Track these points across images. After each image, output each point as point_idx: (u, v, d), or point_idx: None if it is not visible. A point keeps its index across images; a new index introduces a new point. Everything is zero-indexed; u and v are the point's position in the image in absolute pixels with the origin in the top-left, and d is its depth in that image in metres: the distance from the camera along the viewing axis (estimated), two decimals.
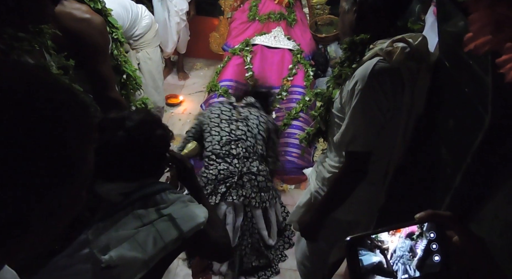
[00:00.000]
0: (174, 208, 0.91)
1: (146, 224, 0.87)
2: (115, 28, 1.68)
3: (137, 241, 0.85)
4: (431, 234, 0.44)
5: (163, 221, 0.88)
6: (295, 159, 2.60)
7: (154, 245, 0.85)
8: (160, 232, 0.86)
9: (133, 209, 0.89)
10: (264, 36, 2.98)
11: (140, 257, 0.84)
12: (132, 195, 0.91)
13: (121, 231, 0.86)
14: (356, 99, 1.01)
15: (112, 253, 0.82)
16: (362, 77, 1.00)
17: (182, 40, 3.25)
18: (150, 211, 0.90)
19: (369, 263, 0.43)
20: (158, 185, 0.96)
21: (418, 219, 0.44)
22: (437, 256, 0.44)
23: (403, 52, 0.97)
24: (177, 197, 0.95)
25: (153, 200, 0.91)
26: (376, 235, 0.43)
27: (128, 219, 0.88)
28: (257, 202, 1.83)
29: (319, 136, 1.39)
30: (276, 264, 2.02)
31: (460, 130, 0.90)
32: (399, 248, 0.43)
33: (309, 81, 2.82)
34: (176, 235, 0.87)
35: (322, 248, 1.45)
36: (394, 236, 0.44)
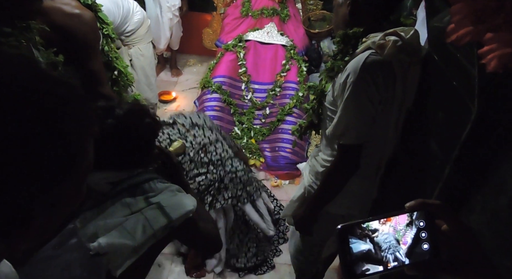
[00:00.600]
0: (162, 196, 0.92)
1: (134, 212, 0.88)
2: (105, 24, 1.66)
3: (126, 229, 0.85)
4: (421, 222, 0.45)
5: (151, 209, 0.88)
6: (289, 154, 2.61)
7: (143, 232, 0.85)
8: (149, 220, 0.86)
9: (121, 198, 0.90)
10: (257, 32, 2.97)
11: (130, 243, 0.84)
12: (120, 185, 0.91)
13: (110, 220, 0.86)
14: (348, 91, 1.02)
15: (101, 240, 0.83)
16: (354, 69, 1.00)
17: (175, 36, 3.22)
18: (138, 199, 0.90)
19: (359, 251, 0.43)
20: (146, 174, 0.96)
21: (408, 208, 0.45)
22: (426, 244, 0.44)
23: (395, 45, 0.97)
24: (166, 187, 0.96)
25: (142, 189, 0.92)
26: (366, 224, 0.44)
27: (116, 207, 0.88)
28: (245, 197, 1.84)
29: (311, 129, 1.40)
30: (271, 259, 2.04)
31: (448, 123, 0.91)
32: (389, 236, 0.44)
33: (302, 77, 2.82)
34: (165, 223, 0.87)
35: (316, 242, 1.46)
36: (385, 225, 0.44)
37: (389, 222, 0.44)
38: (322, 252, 1.57)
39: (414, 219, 0.45)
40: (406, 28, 1.04)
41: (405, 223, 0.45)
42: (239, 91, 2.85)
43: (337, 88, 1.09)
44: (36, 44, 1.15)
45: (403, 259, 0.44)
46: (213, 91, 2.74)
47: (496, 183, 0.77)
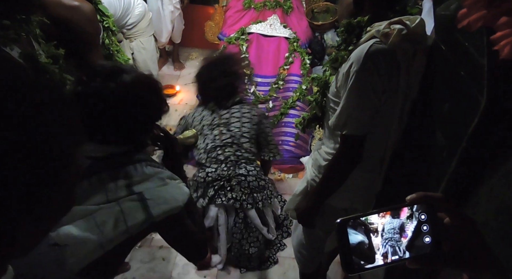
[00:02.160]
0: (148, 185, 0.79)
1: (110, 201, 0.76)
2: (106, 17, 1.65)
3: (94, 220, 0.74)
4: (422, 215, 0.44)
5: (131, 200, 0.77)
6: (292, 148, 2.59)
7: (114, 228, 0.75)
8: (124, 213, 0.76)
9: (100, 179, 0.78)
10: (260, 24, 2.94)
11: (94, 239, 0.74)
12: (101, 162, 0.79)
13: (80, 206, 0.75)
14: (351, 81, 1.00)
15: (62, 230, 0.72)
16: (357, 58, 0.98)
17: (176, 29, 3.20)
18: (119, 185, 0.78)
19: (359, 244, 0.42)
20: (134, 154, 0.83)
21: (409, 201, 0.44)
22: (427, 237, 0.44)
23: (400, 34, 0.95)
24: (155, 172, 0.82)
25: (125, 172, 0.79)
26: (366, 217, 0.43)
27: (92, 190, 0.77)
28: (249, 203, 1.81)
29: (314, 121, 1.38)
30: (275, 253, 2.04)
31: (455, 114, 0.89)
32: (388, 230, 0.43)
33: (305, 70, 2.80)
34: (142, 219, 0.77)
35: (319, 235, 1.45)
36: (384, 218, 0.43)
37: (389, 215, 0.44)
38: (325, 246, 1.57)
39: (415, 212, 0.44)
40: (411, 16, 1.02)
41: (405, 216, 0.44)
42: (241, 84, 2.82)
43: (340, 78, 1.07)
44: (36, 37, 1.14)
45: (403, 252, 0.44)
46: None
47: (504, 174, 0.75)
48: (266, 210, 1.92)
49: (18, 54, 0.99)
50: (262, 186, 1.85)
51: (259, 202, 1.84)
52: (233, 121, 1.83)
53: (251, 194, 1.82)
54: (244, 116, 1.86)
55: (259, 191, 1.84)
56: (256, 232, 1.90)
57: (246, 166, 1.81)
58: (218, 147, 1.79)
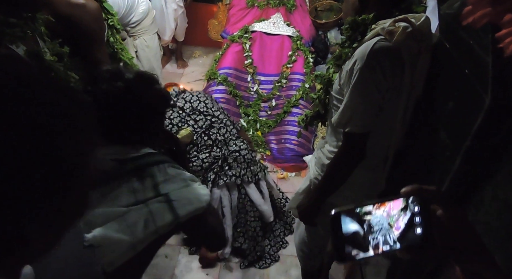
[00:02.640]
0: (173, 186, 0.83)
1: (139, 202, 0.79)
2: (110, 15, 1.65)
3: (126, 222, 0.77)
4: (415, 207, 0.45)
5: (158, 202, 0.80)
6: (295, 146, 2.59)
7: (144, 228, 0.78)
8: (153, 215, 0.79)
9: (127, 181, 0.81)
10: (263, 23, 2.94)
11: (127, 240, 0.76)
12: (127, 164, 0.82)
13: (111, 208, 0.78)
14: (355, 78, 1.00)
15: (97, 232, 0.75)
16: (361, 56, 0.98)
17: (180, 27, 3.20)
18: (146, 186, 0.81)
19: (351, 235, 0.43)
20: (156, 156, 0.86)
21: (403, 193, 0.44)
22: (419, 229, 0.45)
23: (405, 31, 0.95)
24: (178, 173, 0.86)
25: (150, 173, 0.82)
26: (360, 209, 0.43)
27: (121, 192, 0.80)
28: (249, 177, 1.84)
29: (317, 119, 1.38)
30: (276, 251, 2.04)
31: (459, 112, 0.88)
32: (382, 221, 0.44)
33: (309, 68, 2.79)
34: (170, 220, 0.80)
35: (321, 234, 1.45)
36: (379, 209, 0.44)
37: (383, 207, 0.44)
38: (327, 244, 1.57)
39: (410, 204, 0.45)
40: (417, 14, 1.01)
41: (399, 208, 0.45)
42: (245, 82, 2.83)
43: (344, 76, 1.06)
44: (42, 34, 1.15)
45: (395, 243, 0.45)
46: (219, 83, 2.73)
47: (508, 174, 0.75)
48: (262, 182, 1.93)
49: (23, 51, 1.00)
50: (254, 158, 1.89)
51: (258, 173, 1.87)
52: (196, 105, 1.88)
53: (248, 167, 1.85)
54: (201, 98, 1.92)
55: (254, 164, 1.88)
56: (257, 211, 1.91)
57: (236, 141, 1.86)
58: (202, 134, 1.82)
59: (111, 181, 0.81)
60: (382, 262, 1.45)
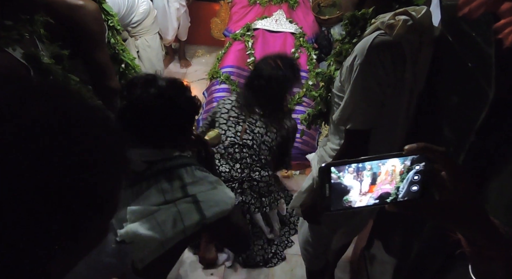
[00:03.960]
0: (200, 188, 0.87)
1: (168, 202, 0.83)
2: (110, 15, 1.65)
3: (156, 220, 0.81)
4: (417, 166, 0.44)
5: (186, 202, 0.84)
6: (299, 144, 2.57)
7: (173, 227, 0.81)
8: (181, 214, 0.82)
9: (157, 182, 0.85)
10: (266, 20, 2.91)
11: (157, 237, 0.80)
12: (156, 165, 0.87)
13: (142, 206, 0.82)
14: (355, 74, 0.98)
15: (129, 228, 0.79)
16: (361, 51, 0.96)
17: (182, 26, 3.20)
18: (174, 187, 0.85)
19: (341, 188, 0.43)
20: (184, 158, 0.91)
21: (407, 150, 0.43)
22: (415, 186, 0.44)
23: (405, 25, 0.92)
24: (204, 176, 0.90)
25: (178, 174, 0.87)
26: (355, 165, 0.43)
27: (151, 192, 0.84)
28: (257, 207, 1.81)
29: (320, 118, 1.36)
30: (282, 250, 2.03)
31: (463, 107, 0.86)
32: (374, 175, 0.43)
33: (312, 65, 2.76)
34: (197, 220, 0.83)
35: (325, 233, 1.44)
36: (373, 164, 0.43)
37: (379, 162, 0.43)
38: (331, 243, 1.55)
39: (409, 161, 0.43)
40: (417, 7, 0.99)
41: (398, 165, 0.43)
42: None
43: (344, 72, 1.04)
44: (41, 37, 1.15)
45: (385, 197, 0.44)
46: (222, 82, 2.72)
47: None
48: (272, 213, 1.91)
49: (21, 54, 1.00)
50: (270, 191, 1.85)
51: (266, 206, 1.84)
52: (259, 125, 1.80)
53: (259, 198, 1.81)
54: (272, 126, 1.82)
55: (267, 196, 1.84)
56: (260, 233, 1.90)
57: (260, 170, 1.80)
58: (237, 145, 1.77)
59: (142, 181, 0.86)
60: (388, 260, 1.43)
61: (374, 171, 0.43)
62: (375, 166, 0.43)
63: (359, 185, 0.43)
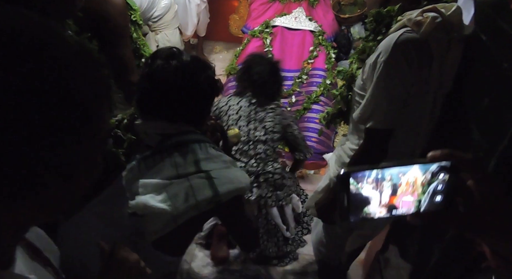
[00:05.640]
0: (214, 166, 0.85)
1: (181, 176, 0.82)
2: (133, 10, 1.66)
3: (168, 194, 0.80)
4: (441, 174, 0.40)
5: (199, 177, 0.82)
6: (314, 144, 2.54)
7: (185, 201, 0.80)
8: (194, 189, 0.81)
9: (170, 155, 0.84)
10: (285, 17, 2.89)
11: (168, 210, 0.79)
12: (170, 139, 0.86)
13: (154, 180, 0.81)
14: (379, 71, 0.95)
15: (139, 200, 0.79)
16: (385, 48, 0.93)
17: (202, 22, 3.20)
18: (188, 161, 0.84)
19: (361, 197, 0.40)
20: (198, 135, 0.90)
21: (431, 157, 0.40)
22: (439, 197, 0.41)
23: (433, 22, 0.88)
24: (219, 155, 0.89)
25: (192, 149, 0.85)
26: (376, 171, 0.39)
27: (163, 165, 0.83)
28: (273, 201, 1.82)
29: (339, 117, 1.33)
30: (295, 250, 2.01)
31: (495, 110, 0.82)
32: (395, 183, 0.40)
33: (330, 64, 2.72)
34: (210, 196, 0.81)
35: (339, 234, 1.41)
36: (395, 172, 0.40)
37: (402, 170, 0.40)
38: (345, 245, 1.52)
39: (433, 170, 0.40)
40: (447, 4, 0.95)
41: (421, 174, 0.40)
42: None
43: (367, 70, 1.01)
44: (74, 30, 1.15)
45: (408, 208, 0.41)
46: None
47: None
48: (287, 207, 1.90)
49: None
50: (284, 184, 1.86)
51: (282, 199, 1.84)
52: (268, 120, 1.83)
53: (275, 191, 1.82)
54: (276, 118, 1.86)
55: (282, 189, 1.84)
56: (275, 230, 1.89)
57: (273, 163, 1.83)
58: (251, 142, 1.80)
59: (155, 154, 0.85)
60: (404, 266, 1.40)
61: (394, 182, 0.40)
62: (396, 176, 0.40)
63: (379, 195, 0.41)
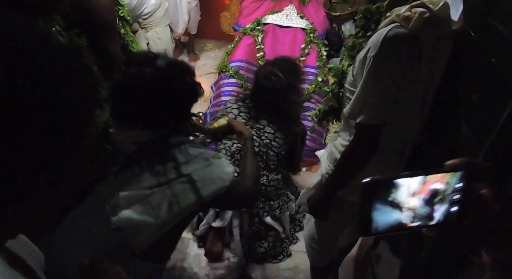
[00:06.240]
0: (195, 167, 0.83)
1: (162, 184, 0.80)
2: (120, 6, 1.64)
3: (150, 204, 0.78)
4: (457, 184, 0.39)
5: (181, 183, 0.80)
6: (307, 141, 2.54)
7: (169, 210, 0.78)
8: (176, 196, 0.79)
9: (149, 164, 0.82)
10: (276, 15, 2.88)
11: (152, 221, 0.77)
12: (147, 146, 0.83)
13: (134, 191, 0.79)
14: (368, 66, 0.95)
15: (122, 214, 0.77)
16: (375, 43, 0.93)
17: (192, 20, 3.18)
18: (168, 168, 0.81)
19: (381, 212, 0.38)
20: (177, 137, 0.87)
21: (449, 166, 0.39)
22: (455, 207, 0.40)
23: (421, 17, 0.89)
24: (199, 153, 0.86)
25: (172, 155, 0.83)
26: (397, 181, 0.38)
27: (143, 175, 0.81)
28: (266, 211, 1.79)
29: (331, 114, 1.34)
30: (287, 247, 2.02)
31: (484, 104, 0.83)
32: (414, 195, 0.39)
33: (322, 61, 2.73)
34: (194, 200, 0.80)
35: (331, 231, 1.42)
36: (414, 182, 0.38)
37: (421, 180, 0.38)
38: (337, 242, 1.53)
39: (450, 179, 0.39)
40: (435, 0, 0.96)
41: (439, 183, 0.39)
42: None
43: (357, 66, 1.02)
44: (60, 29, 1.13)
45: (425, 220, 0.40)
46: (230, 76, 2.70)
47: None
48: (283, 215, 1.87)
49: None
50: (279, 194, 1.81)
51: (275, 209, 1.81)
52: (268, 131, 1.74)
53: (267, 202, 1.78)
54: (280, 131, 1.77)
55: (276, 199, 1.80)
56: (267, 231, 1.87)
57: (268, 175, 1.75)
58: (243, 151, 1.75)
59: (134, 164, 0.82)
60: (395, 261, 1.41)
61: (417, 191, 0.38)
62: (418, 185, 0.38)
63: (407, 204, 0.39)
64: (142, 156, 0.82)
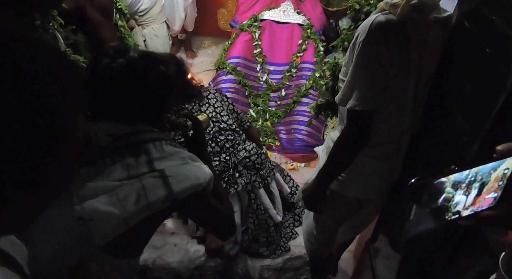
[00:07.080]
0: (169, 163, 0.81)
1: (132, 177, 0.78)
2: None
3: (117, 196, 0.76)
4: (505, 170, 0.39)
5: (152, 177, 0.78)
6: (304, 137, 2.55)
7: (136, 203, 0.76)
8: (145, 189, 0.77)
9: (122, 157, 0.79)
10: (273, 11, 2.88)
11: (117, 213, 0.75)
12: (121, 140, 0.81)
13: (103, 182, 0.77)
14: (357, 52, 0.95)
15: (86, 204, 0.74)
16: (363, 29, 0.94)
17: (189, 17, 3.17)
18: (140, 162, 0.79)
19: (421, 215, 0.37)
20: (154, 133, 0.84)
21: (501, 151, 0.39)
22: (495, 193, 0.40)
23: (408, 4, 0.90)
24: (175, 152, 0.84)
25: (146, 149, 0.81)
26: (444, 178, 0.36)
27: (114, 168, 0.78)
28: (259, 182, 1.81)
29: (328, 109, 1.34)
30: (286, 242, 2.03)
31: (479, 94, 0.83)
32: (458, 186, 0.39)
33: (319, 57, 2.73)
34: (163, 195, 0.77)
35: (329, 226, 1.42)
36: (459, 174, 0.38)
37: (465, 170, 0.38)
38: (336, 237, 1.53)
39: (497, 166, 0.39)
40: None
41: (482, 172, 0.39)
42: (254, 72, 2.79)
43: (348, 54, 1.02)
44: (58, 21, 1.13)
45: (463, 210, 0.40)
46: (228, 73, 2.70)
47: None
48: (272, 183, 1.90)
49: None
50: (264, 161, 1.84)
51: (267, 177, 1.83)
52: (205, 109, 1.78)
53: (258, 172, 1.81)
54: (211, 100, 1.82)
55: (264, 167, 1.83)
56: (266, 222, 1.89)
57: (245, 146, 1.79)
58: (209, 141, 1.75)
59: (105, 156, 0.80)
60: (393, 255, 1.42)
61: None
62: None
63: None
64: (115, 149, 0.80)
